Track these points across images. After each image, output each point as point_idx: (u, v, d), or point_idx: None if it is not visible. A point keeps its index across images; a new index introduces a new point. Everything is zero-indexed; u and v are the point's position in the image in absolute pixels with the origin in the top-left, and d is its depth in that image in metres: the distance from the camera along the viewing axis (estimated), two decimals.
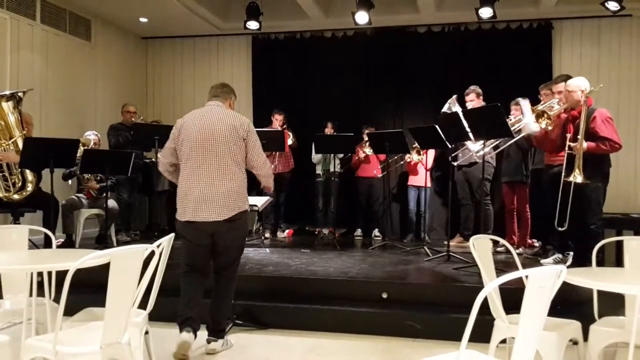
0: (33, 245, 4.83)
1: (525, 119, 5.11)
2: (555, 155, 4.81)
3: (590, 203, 4.46)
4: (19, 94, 5.38)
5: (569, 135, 4.45)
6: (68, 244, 5.76)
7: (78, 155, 5.56)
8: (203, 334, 3.56)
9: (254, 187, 7.40)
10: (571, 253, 4.81)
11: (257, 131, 3.59)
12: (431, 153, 7.03)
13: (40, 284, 2.93)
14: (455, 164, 6.03)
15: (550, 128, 4.72)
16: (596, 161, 4.40)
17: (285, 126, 7.17)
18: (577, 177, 4.25)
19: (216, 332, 3.58)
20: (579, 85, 4.54)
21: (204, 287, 3.55)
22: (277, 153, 7.05)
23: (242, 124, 3.47)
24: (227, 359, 3.52)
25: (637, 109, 7.39)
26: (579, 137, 4.35)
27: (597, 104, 4.72)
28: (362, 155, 7.20)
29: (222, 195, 3.36)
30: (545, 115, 4.76)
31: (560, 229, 4.47)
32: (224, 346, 3.61)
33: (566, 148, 4.44)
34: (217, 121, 3.44)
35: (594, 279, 2.51)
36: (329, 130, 7.29)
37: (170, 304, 3.50)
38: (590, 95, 4.62)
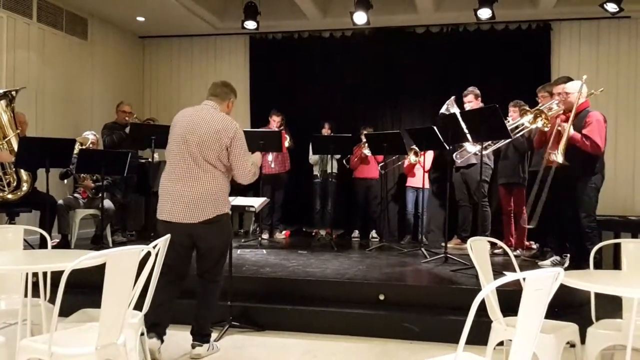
0: (28, 245, 4.82)
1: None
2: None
3: (582, 203, 4.46)
4: (12, 92, 5.35)
5: (559, 119, 4.51)
6: (63, 244, 5.72)
7: (75, 153, 5.54)
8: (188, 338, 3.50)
9: (250, 187, 7.41)
10: (568, 255, 4.81)
11: (254, 132, 3.55)
12: (430, 154, 7.01)
13: (36, 285, 2.92)
14: (458, 161, 6.03)
15: (547, 128, 4.73)
16: (585, 157, 4.43)
17: (282, 127, 7.11)
18: (559, 156, 4.31)
19: (201, 337, 3.48)
20: (575, 87, 4.54)
21: (178, 290, 3.44)
22: (274, 153, 7.02)
23: (227, 130, 3.34)
24: None
25: (635, 111, 7.38)
26: (566, 124, 4.44)
27: (596, 105, 4.72)
28: (362, 155, 7.16)
29: (198, 196, 3.28)
30: (543, 116, 4.77)
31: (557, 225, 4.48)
32: (210, 351, 3.51)
33: (556, 126, 4.49)
34: (203, 123, 3.34)
35: (592, 282, 2.52)
36: (326, 131, 7.26)
37: None
38: (589, 97, 4.62)
